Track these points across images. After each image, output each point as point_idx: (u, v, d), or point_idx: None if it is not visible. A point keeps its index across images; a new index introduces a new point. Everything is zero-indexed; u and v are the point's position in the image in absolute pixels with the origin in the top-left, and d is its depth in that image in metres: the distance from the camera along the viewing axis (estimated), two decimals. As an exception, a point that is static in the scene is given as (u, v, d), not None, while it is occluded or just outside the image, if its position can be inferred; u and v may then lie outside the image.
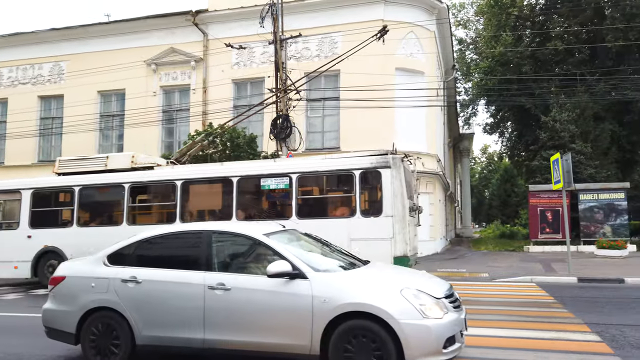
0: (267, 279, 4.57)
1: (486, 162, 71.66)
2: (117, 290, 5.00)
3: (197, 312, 4.72)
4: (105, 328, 5.02)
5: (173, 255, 5.31)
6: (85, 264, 5.42)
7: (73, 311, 5.10)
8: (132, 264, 5.15)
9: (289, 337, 4.48)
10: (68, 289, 5.24)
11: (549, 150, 21.61)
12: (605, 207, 19.27)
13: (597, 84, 23.53)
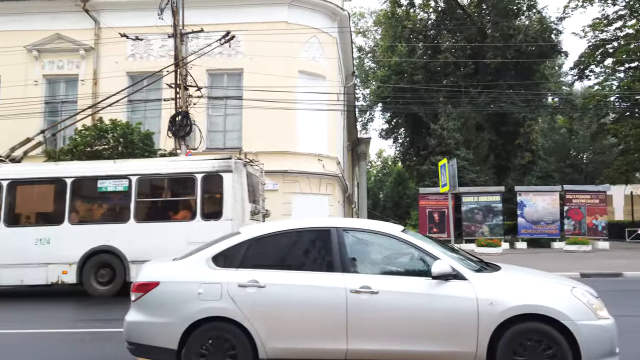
0: (418, 281, 4.19)
1: (381, 165, 75.40)
2: (233, 297, 4.21)
3: (339, 319, 4.11)
4: (217, 342, 4.22)
5: (296, 255, 4.61)
6: (182, 266, 4.53)
7: (174, 323, 4.23)
8: (246, 266, 4.39)
9: (451, 344, 4.05)
10: (165, 296, 4.33)
11: (437, 155, 23.35)
12: (484, 209, 21.28)
13: (479, 96, 25.93)
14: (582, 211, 21.25)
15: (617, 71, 25.65)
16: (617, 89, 25.00)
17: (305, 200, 17.91)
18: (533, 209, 21.23)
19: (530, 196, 21.42)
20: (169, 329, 4.23)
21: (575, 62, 27.13)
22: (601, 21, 25.46)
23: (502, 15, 26.96)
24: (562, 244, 20.20)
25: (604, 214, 21.58)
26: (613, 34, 25.67)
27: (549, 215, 21.12)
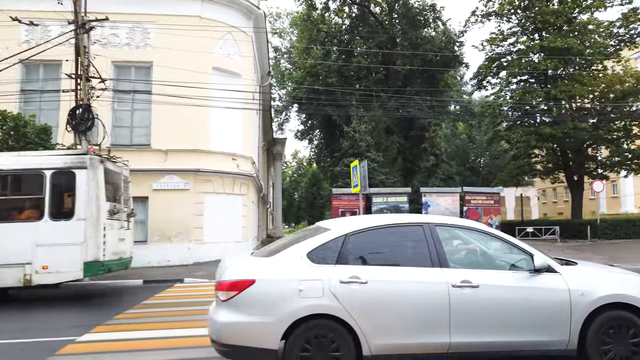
0: (514, 274, 4.41)
1: (297, 166, 76.00)
2: (335, 294, 4.10)
3: (442, 313, 4.17)
4: (319, 340, 4.06)
5: (392, 251, 4.59)
6: (277, 264, 4.28)
7: (274, 322, 4.03)
8: (343, 262, 4.26)
9: (546, 333, 4.30)
10: (263, 295, 4.11)
11: (349, 157, 24.04)
12: (392, 209, 22.24)
13: (389, 101, 27.10)
14: (479, 211, 23.03)
15: (510, 83, 28.13)
16: (510, 100, 27.41)
17: (218, 200, 17.53)
18: (436, 209, 22.61)
19: (434, 197, 22.78)
20: (269, 329, 4.06)
21: (475, 73, 29.34)
22: (497, 36, 27.77)
23: (411, 25, 28.44)
24: (462, 241, 21.77)
25: (498, 214, 23.55)
26: (507, 49, 28.12)
27: (450, 215, 22.62)
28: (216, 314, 4.27)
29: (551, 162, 28.37)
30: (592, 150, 27.70)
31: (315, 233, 4.69)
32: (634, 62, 36.82)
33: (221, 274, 4.36)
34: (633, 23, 25.24)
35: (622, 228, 24.63)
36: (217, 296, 4.31)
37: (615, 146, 25.72)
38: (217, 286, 4.36)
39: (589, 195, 37.32)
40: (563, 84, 24.83)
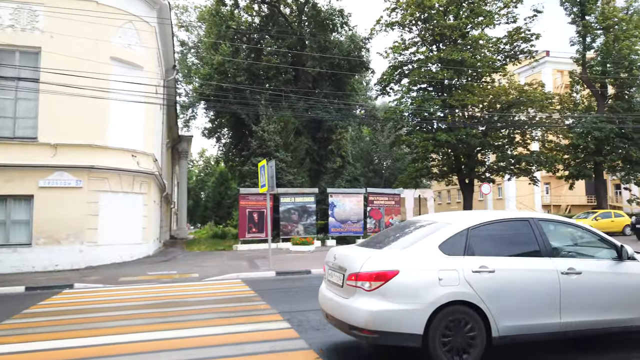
0: (605, 262, 5.22)
1: (204, 165, 73.80)
2: (469, 282, 4.60)
3: (554, 296, 4.82)
4: (457, 324, 4.53)
5: (508, 242, 5.11)
6: (415, 255, 4.73)
7: (418, 309, 4.45)
8: (470, 253, 4.79)
9: (632, 311, 5.11)
10: (407, 284, 4.52)
11: (258, 157, 23.82)
12: (299, 209, 22.47)
13: (299, 102, 27.31)
14: (381, 211, 24.06)
15: (411, 90, 29.74)
16: (410, 106, 28.98)
17: (115, 199, 16.43)
18: (342, 209, 23.24)
19: (339, 197, 23.38)
20: (415, 315, 4.42)
21: (379, 79, 30.60)
22: (400, 45, 29.22)
23: (320, 28, 28.92)
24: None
25: (398, 214, 24.78)
26: (409, 58, 29.71)
27: (355, 215, 23.37)
28: (359, 303, 4.56)
29: (446, 166, 30.46)
30: (482, 155, 30.21)
31: (435, 227, 5.12)
32: (517, 76, 40.89)
33: (358, 266, 4.65)
34: (517, 41, 27.96)
35: (506, 227, 27.14)
36: (356, 286, 4.61)
37: (501, 152, 28.30)
38: (355, 277, 4.64)
39: (479, 197, 40.77)
40: (457, 93, 26.79)
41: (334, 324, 5.19)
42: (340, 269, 5.06)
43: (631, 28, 28.93)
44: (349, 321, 4.69)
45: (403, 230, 5.57)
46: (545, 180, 43.70)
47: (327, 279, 5.56)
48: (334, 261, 5.30)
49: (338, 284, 5.06)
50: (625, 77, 29.40)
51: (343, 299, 4.86)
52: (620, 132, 28.82)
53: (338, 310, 4.91)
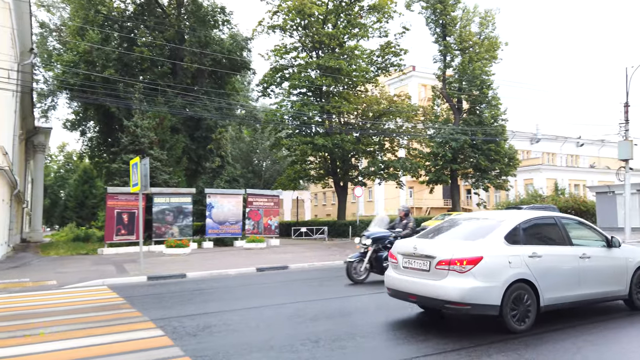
0: (601, 249, 7.09)
1: (64, 160, 66.88)
2: (528, 264, 6.10)
3: (576, 275, 6.55)
4: (519, 296, 5.96)
5: (544, 234, 6.80)
6: (490, 245, 6.09)
7: (497, 286, 5.80)
8: (522, 243, 6.29)
9: (617, 285, 7.05)
10: (489, 267, 5.83)
11: (129, 154, 22.32)
12: (175, 210, 21.56)
13: (176, 98, 26.20)
14: (260, 212, 24.16)
15: (292, 94, 30.36)
16: (290, 110, 29.56)
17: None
18: (220, 210, 22.83)
19: (218, 198, 22.95)
20: (495, 290, 5.78)
21: (260, 80, 30.72)
22: (281, 48, 29.67)
23: (200, 23, 28.08)
24: (243, 242, 22.47)
25: (277, 215, 25.10)
26: (290, 62, 30.32)
27: (234, 216, 23.13)
28: (453, 283, 5.77)
29: (323, 169, 31.66)
30: (355, 160, 31.98)
31: (495, 223, 6.60)
32: (388, 87, 44.06)
33: (450, 254, 5.92)
34: (388, 54, 30.18)
35: (376, 227, 29.07)
36: (449, 269, 5.84)
37: (372, 158, 30.25)
38: (447, 262, 5.88)
39: (351, 199, 42.96)
40: (334, 100, 28.04)
41: (421, 302, 6.55)
42: (426, 257, 6.22)
43: (482, 51, 32.98)
44: (443, 297, 5.84)
45: (461, 226, 7.19)
46: (409, 185, 47.60)
47: (402, 266, 6.64)
48: (415, 251, 6.44)
49: (424, 269, 6.22)
50: (477, 95, 33.41)
51: (433, 280, 6.01)
52: (472, 143, 32.64)
53: (428, 290, 6.04)
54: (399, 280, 6.59)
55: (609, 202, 27.13)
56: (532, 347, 5.47)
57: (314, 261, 15.71)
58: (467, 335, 6.07)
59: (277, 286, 11.07)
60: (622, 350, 5.58)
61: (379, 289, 9.06)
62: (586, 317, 7.06)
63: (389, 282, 6.84)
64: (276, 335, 6.17)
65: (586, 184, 49.65)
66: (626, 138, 22.36)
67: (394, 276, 6.74)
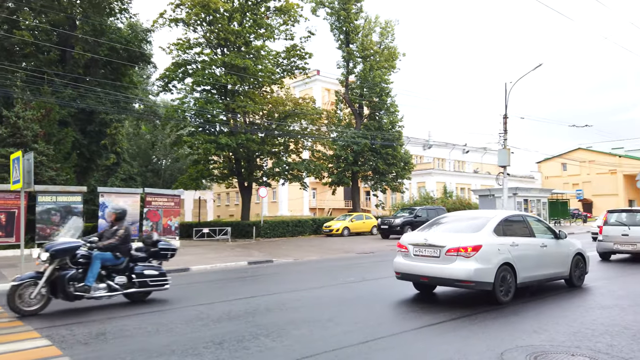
0: (552, 240, 9.26)
1: None
2: (509, 251, 8.04)
3: (539, 259, 8.71)
4: (505, 275, 7.86)
5: (517, 228, 8.77)
6: (485, 236, 7.95)
7: (492, 267, 7.63)
8: (504, 234, 8.26)
9: (563, 268, 9.33)
10: (486, 253, 7.67)
11: (9, 147, 20.18)
12: (62, 210, 19.84)
13: (65, 88, 24.13)
14: (160, 213, 23.11)
15: (195, 90, 29.45)
16: (193, 107, 28.64)
17: None
18: (115, 211, 21.45)
19: (112, 197, 21.53)
20: (490, 271, 7.60)
21: (161, 74, 29.37)
22: (184, 43, 28.64)
23: (95, 9, 26.16)
24: (140, 244, 21.33)
25: (178, 215, 24.21)
26: (193, 57, 29.35)
27: (130, 217, 21.80)
28: (462, 265, 7.52)
29: (227, 169, 31.12)
30: (260, 160, 31.89)
31: (485, 219, 8.52)
32: (293, 89, 44.55)
33: (457, 243, 7.67)
34: (293, 57, 30.52)
35: (279, 228, 29.26)
36: (458, 255, 7.59)
37: (277, 159, 30.41)
38: (455, 250, 7.61)
39: (255, 200, 42.77)
40: (239, 99, 27.72)
41: (432, 282, 8.20)
42: (436, 246, 7.93)
43: (382, 60, 34.74)
44: (454, 277, 7.59)
45: (456, 222, 9.05)
46: (312, 186, 48.54)
47: (413, 254, 8.25)
48: (425, 242, 8.12)
49: (434, 256, 7.92)
50: (377, 101, 35.11)
51: (444, 265, 7.72)
52: (372, 147, 34.22)
53: (440, 272, 7.74)
54: (410, 266, 8.24)
55: (489, 204, 30.00)
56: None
57: (217, 262, 15.45)
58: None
59: (178, 289, 10.72)
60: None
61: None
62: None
63: (399, 267, 8.53)
64: (178, 339, 6.03)
65: (471, 187, 54.42)
66: (505, 147, 24.94)
67: (404, 262, 8.42)
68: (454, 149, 65.18)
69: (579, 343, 5.56)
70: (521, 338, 5.78)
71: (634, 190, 60.09)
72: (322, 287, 10.31)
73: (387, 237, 27.13)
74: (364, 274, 12.17)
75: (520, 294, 8.42)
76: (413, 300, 8.58)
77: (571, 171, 67.77)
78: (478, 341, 5.68)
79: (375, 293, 9.35)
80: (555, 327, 6.30)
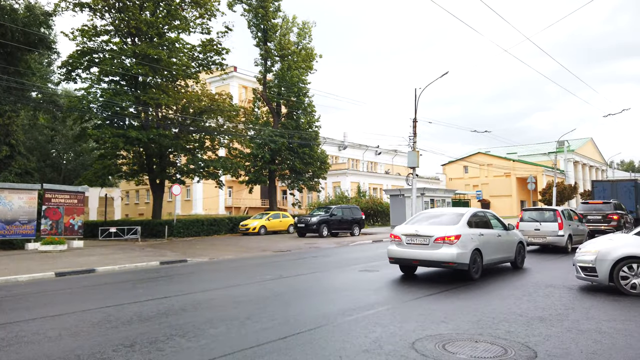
0: (504, 231, 11.76)
1: None
2: (478, 239, 10.35)
3: (496, 246, 11.13)
4: (475, 259, 10.15)
5: (479, 222, 10.99)
6: (460, 229, 10.11)
7: (467, 252, 9.90)
8: (473, 227, 10.57)
9: (511, 253, 11.84)
10: (464, 240, 9.93)
11: None
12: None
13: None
14: (61, 211, 21.40)
15: (102, 81, 27.60)
16: (100, 98, 26.81)
17: None
18: (8, 208, 19.49)
19: (5, 194, 19.56)
20: (467, 255, 9.89)
21: (63, 61, 27.17)
22: (90, 29, 26.74)
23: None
24: (38, 244, 19.60)
25: (82, 214, 22.56)
26: (100, 45, 27.48)
27: (26, 215, 19.99)
28: (447, 250, 9.75)
29: (137, 165, 29.54)
30: (173, 157, 30.67)
31: (458, 214, 10.85)
32: (209, 85, 43.44)
33: (443, 233, 9.92)
34: (210, 52, 29.71)
35: (194, 227, 28.39)
36: (444, 242, 9.83)
37: (192, 155, 29.44)
38: (442, 239, 9.86)
39: (168, 198, 41.14)
40: (152, 91, 26.44)
41: (422, 264, 10.37)
42: (425, 236, 10.10)
43: (300, 60, 35.00)
44: (441, 260, 9.79)
45: (436, 217, 11.05)
46: (228, 185, 47.72)
47: (406, 243, 10.41)
48: (416, 233, 10.28)
49: (424, 244, 10.08)
50: (295, 101, 35.33)
51: (433, 251, 9.90)
52: (289, 146, 34.37)
53: (429, 256, 9.95)
54: (404, 252, 10.39)
55: (400, 203, 31.44)
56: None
57: (125, 263, 14.64)
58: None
59: (82, 292, 10.03)
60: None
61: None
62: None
63: (393, 254, 10.61)
64: (83, 343, 5.64)
65: (382, 187, 56.69)
66: (414, 149, 26.28)
67: (398, 249, 10.53)
68: (367, 151, 67.50)
69: (482, 330, 6.06)
70: (430, 328, 6.17)
71: (525, 192, 66.39)
72: (238, 286, 10.19)
73: (303, 235, 27.41)
74: (281, 272, 12.21)
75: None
76: (330, 294, 8.79)
77: (472, 173, 73.19)
78: (393, 332, 5.97)
79: (293, 290, 9.44)
80: (460, 317, 6.81)
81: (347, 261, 14.69)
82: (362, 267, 13.00)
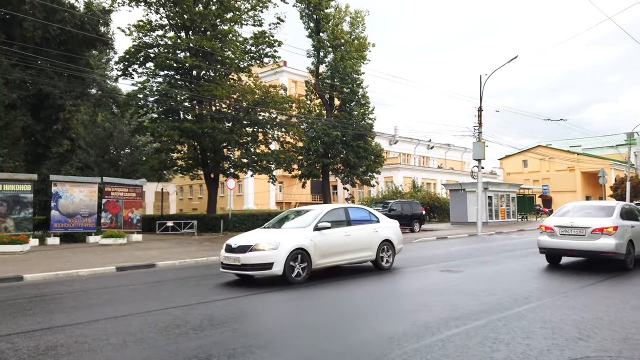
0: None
1: None
2: (630, 232, 10.35)
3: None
4: (629, 249, 10.28)
5: (628, 214, 10.81)
6: (615, 219, 10.18)
7: (624, 243, 10.08)
8: (625, 219, 10.52)
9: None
10: (620, 232, 10.05)
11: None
12: (9, 200, 17.93)
13: (14, 70, 21.99)
14: (120, 204, 21.43)
15: (158, 75, 27.63)
16: (156, 92, 26.83)
17: None
18: (70, 201, 19.63)
19: (67, 187, 19.72)
20: (623, 245, 10.08)
21: (120, 57, 27.38)
22: (145, 25, 26.78)
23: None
24: (99, 237, 19.63)
25: (140, 207, 22.55)
26: (155, 40, 27.50)
27: (86, 208, 20.10)
28: (606, 241, 9.96)
29: (192, 159, 29.46)
30: (227, 151, 30.37)
31: (607, 206, 10.97)
32: (261, 79, 43.11)
33: (600, 225, 10.05)
34: (262, 44, 29.12)
35: (248, 221, 27.94)
36: (602, 234, 10.00)
37: (245, 149, 29.01)
38: (600, 230, 10.02)
39: (221, 193, 41.19)
40: (206, 84, 26.15)
41: (579, 255, 10.57)
42: (582, 228, 10.20)
43: (352, 51, 33.83)
44: (600, 250, 9.93)
45: (584, 209, 11.19)
46: (279, 179, 47.36)
47: (559, 234, 10.57)
48: (572, 224, 10.37)
49: (581, 235, 10.20)
50: (348, 92, 34.23)
51: (589, 241, 10.04)
52: (343, 139, 33.32)
53: (587, 247, 10.09)
54: (557, 243, 10.58)
55: (461, 198, 29.80)
56: None
57: (185, 258, 14.16)
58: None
59: (145, 289, 9.45)
60: None
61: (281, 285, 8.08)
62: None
63: (545, 244, 10.86)
64: (151, 354, 4.87)
65: (436, 182, 54.65)
66: (480, 140, 24.59)
67: (550, 240, 10.75)
68: (419, 145, 65.41)
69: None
70: (568, 347, 4.97)
71: (591, 187, 62.21)
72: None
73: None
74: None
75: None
76: (421, 296, 7.69)
77: (532, 167, 69.46)
78: (523, 352, 4.83)
79: (371, 294, 8.41)
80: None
81: (420, 260, 13.47)
82: (442, 267, 11.75)
